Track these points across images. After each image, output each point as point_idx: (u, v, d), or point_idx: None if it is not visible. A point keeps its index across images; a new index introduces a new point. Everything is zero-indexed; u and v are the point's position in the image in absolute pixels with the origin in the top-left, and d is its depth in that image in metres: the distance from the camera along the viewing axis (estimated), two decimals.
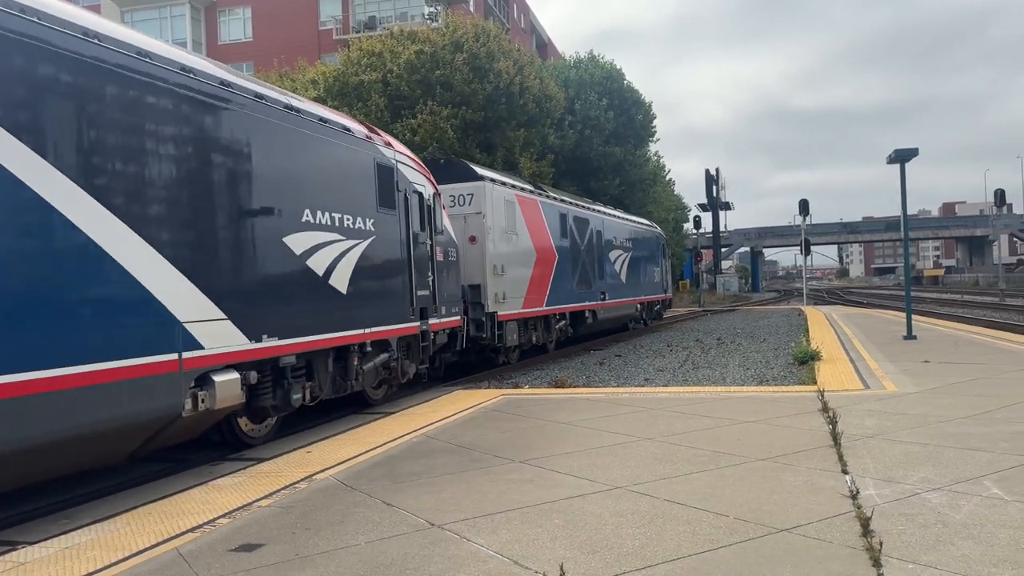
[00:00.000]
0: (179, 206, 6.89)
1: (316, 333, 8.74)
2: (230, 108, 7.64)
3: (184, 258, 6.86)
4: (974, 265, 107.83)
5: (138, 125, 6.51)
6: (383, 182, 10.62)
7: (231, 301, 7.38)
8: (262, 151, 8.03)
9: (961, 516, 4.72)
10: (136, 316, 6.32)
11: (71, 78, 5.91)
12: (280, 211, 8.27)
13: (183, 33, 47.22)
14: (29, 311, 5.46)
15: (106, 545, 4.88)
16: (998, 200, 42.28)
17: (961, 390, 9.58)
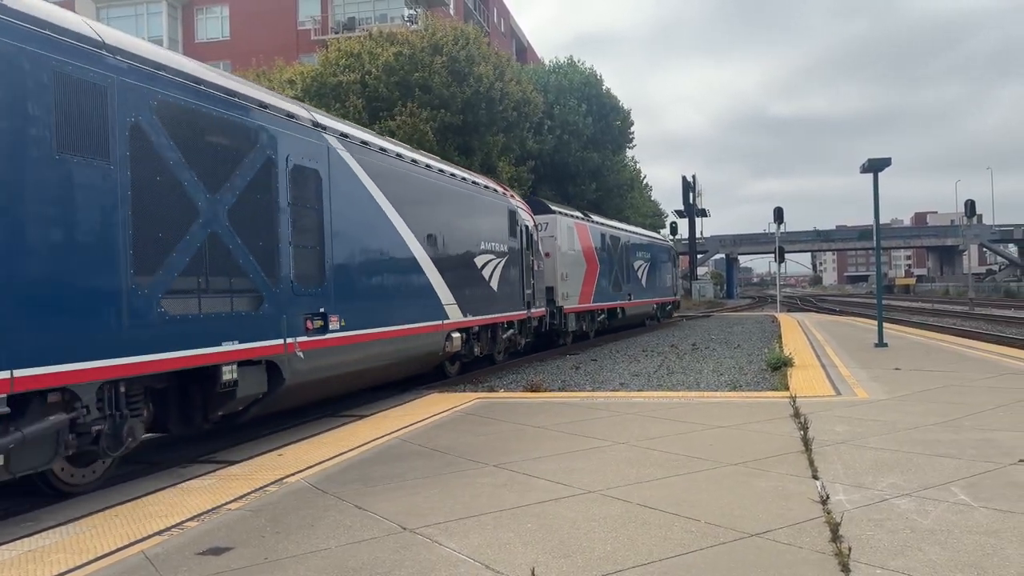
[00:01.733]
0: (439, 242, 12.97)
1: (486, 314, 14.94)
2: (465, 190, 14.64)
3: (442, 270, 12.91)
4: (945, 274, 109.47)
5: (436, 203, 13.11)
6: (511, 221, 16.83)
7: (457, 294, 13.41)
8: (468, 209, 14.61)
9: (929, 522, 4.78)
10: (433, 301, 12.65)
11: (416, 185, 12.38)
12: (473, 243, 14.56)
13: (159, 31, 46.74)
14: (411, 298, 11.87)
15: (71, 548, 4.80)
16: (968, 211, 42.97)
17: (931, 397, 9.70)
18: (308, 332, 8.97)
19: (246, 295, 8.04)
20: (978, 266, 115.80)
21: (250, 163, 8.18)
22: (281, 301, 8.55)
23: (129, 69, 6.71)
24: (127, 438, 6.67)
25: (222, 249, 7.69)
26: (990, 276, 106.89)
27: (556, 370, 15.72)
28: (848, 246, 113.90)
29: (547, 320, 19.57)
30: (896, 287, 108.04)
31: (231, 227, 7.81)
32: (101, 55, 6.46)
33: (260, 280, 8.24)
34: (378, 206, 11.01)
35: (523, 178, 29.64)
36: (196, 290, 7.32)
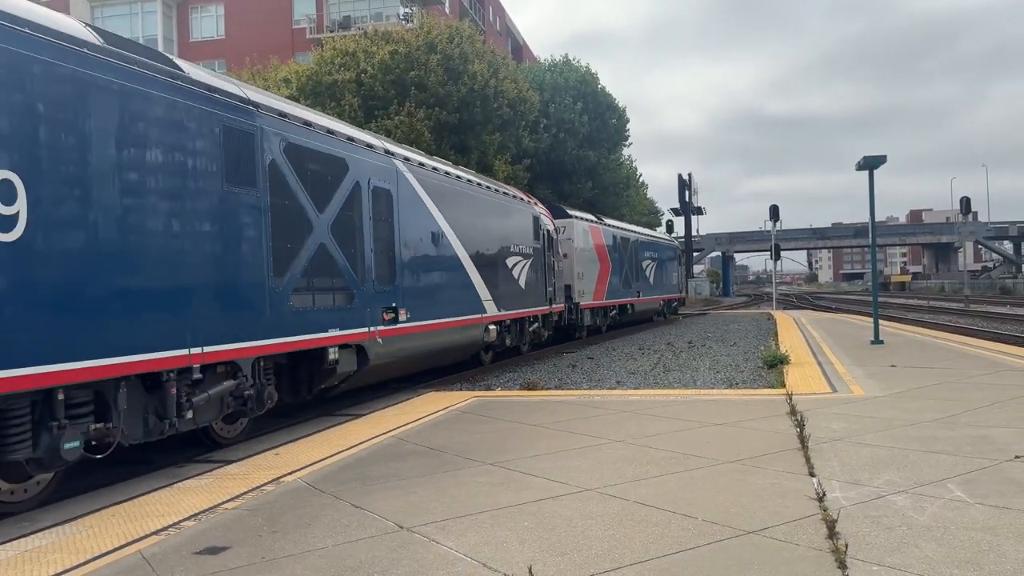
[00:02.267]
0: (478, 245, 14.77)
1: (516, 309, 16.75)
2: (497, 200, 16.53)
3: (481, 270, 14.74)
4: (940, 271, 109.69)
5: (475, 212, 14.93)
6: (535, 226, 18.65)
7: (492, 291, 15.23)
8: (499, 216, 16.37)
9: (925, 518, 4.79)
10: (474, 297, 14.43)
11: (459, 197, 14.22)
12: (504, 246, 16.33)
13: (154, 29, 46.62)
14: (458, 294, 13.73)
15: (68, 548, 4.79)
16: (964, 208, 43.05)
17: (927, 394, 9.73)
18: (384, 322, 10.94)
19: (343, 292, 10.00)
20: (973, 263, 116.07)
21: (344, 186, 10.17)
22: (366, 297, 10.51)
23: (268, 119, 8.73)
24: (267, 401, 8.51)
25: (327, 256, 9.65)
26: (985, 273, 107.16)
27: (553, 368, 15.72)
28: (844, 244, 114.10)
29: (565, 315, 21.44)
30: (892, 284, 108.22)
31: (333, 238, 9.78)
32: (250, 110, 8.40)
33: (352, 280, 10.21)
34: (432, 217, 13.07)
35: (519, 176, 29.63)
36: (311, 288, 9.23)
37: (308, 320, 9.11)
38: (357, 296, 10.24)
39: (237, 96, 8.30)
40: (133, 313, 6.69)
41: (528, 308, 17.78)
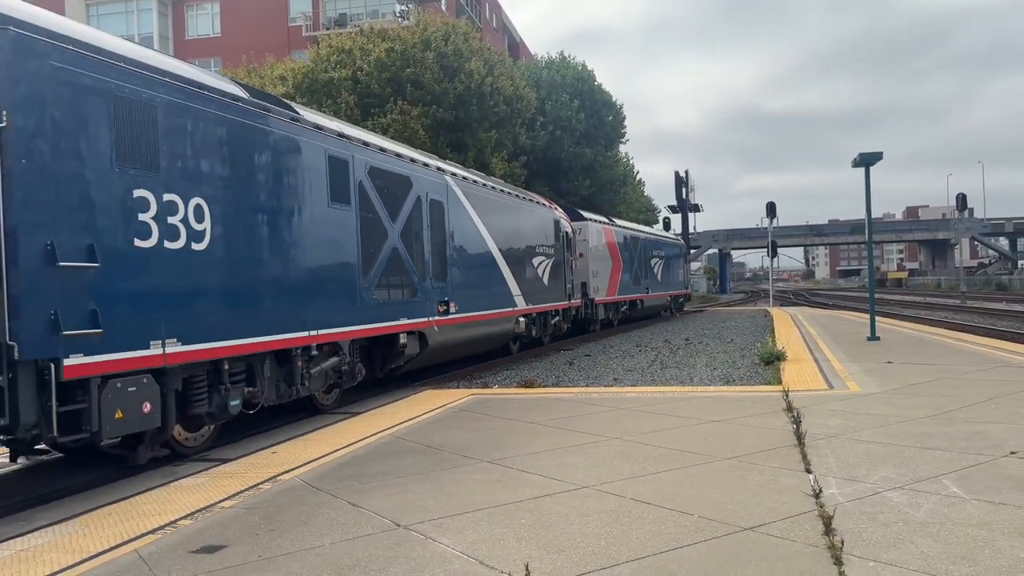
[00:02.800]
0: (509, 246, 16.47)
1: (540, 304, 18.60)
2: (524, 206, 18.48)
3: (512, 268, 16.46)
4: (936, 268, 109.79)
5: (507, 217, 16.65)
6: (555, 228, 20.47)
7: (521, 287, 16.94)
8: (526, 220, 18.16)
9: (921, 515, 4.80)
10: (507, 293, 16.06)
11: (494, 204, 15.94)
12: (530, 247, 18.13)
13: (150, 27, 46.51)
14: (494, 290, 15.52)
15: (64, 547, 4.79)
16: (960, 204, 43.16)
17: (922, 390, 9.74)
18: (439, 313, 12.94)
19: (409, 288, 11.97)
20: (969, 259, 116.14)
21: (409, 200, 12.12)
22: (426, 292, 12.54)
23: (356, 147, 10.68)
24: (357, 375, 10.68)
25: (398, 258, 11.62)
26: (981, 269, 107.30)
27: (550, 366, 15.72)
28: (840, 240, 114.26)
29: (582, 310, 23.25)
30: (888, 281, 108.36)
31: (402, 243, 11.78)
32: (344, 140, 10.36)
33: (416, 278, 12.19)
34: (474, 223, 14.99)
35: (516, 174, 29.60)
36: (387, 285, 11.23)
37: (385, 311, 11.21)
38: (419, 291, 12.33)
39: (336, 130, 10.33)
40: (274, 303, 8.58)
41: (550, 303, 19.68)
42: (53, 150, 6.09)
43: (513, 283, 16.66)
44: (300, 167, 9.21)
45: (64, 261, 6.03)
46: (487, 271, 15.53)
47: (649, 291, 31.37)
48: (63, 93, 6.20)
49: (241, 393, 8.07)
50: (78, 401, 6.17)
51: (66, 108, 6.22)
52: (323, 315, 9.44)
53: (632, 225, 32.44)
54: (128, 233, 6.72)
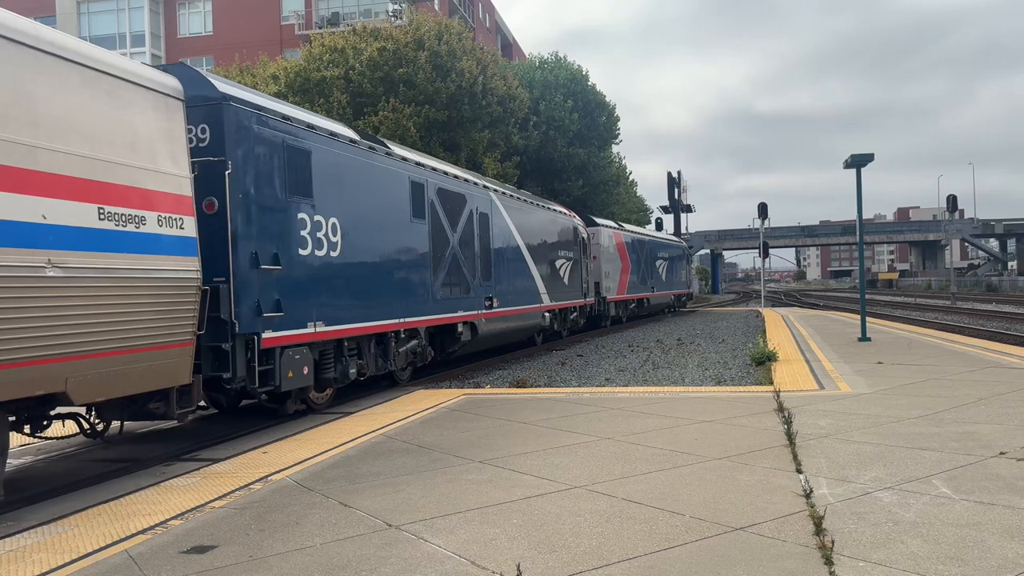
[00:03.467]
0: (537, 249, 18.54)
1: (561, 301, 20.67)
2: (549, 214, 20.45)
3: (539, 269, 18.56)
4: (927, 269, 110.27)
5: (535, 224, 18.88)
6: (574, 233, 22.63)
7: (546, 285, 19.07)
8: (550, 226, 20.28)
9: (911, 515, 4.82)
10: (535, 290, 18.36)
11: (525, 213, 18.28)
12: (553, 250, 20.25)
13: (141, 25, 46.33)
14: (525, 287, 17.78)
15: (53, 547, 4.76)
16: (950, 206, 43.36)
17: (913, 391, 9.79)
18: (485, 307, 15.31)
19: (464, 286, 14.35)
20: (960, 261, 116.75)
21: (464, 214, 14.54)
22: (476, 289, 14.92)
23: (429, 172, 13.23)
24: (427, 356, 13.09)
25: (456, 262, 14.04)
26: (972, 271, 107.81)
27: (542, 366, 15.73)
28: (832, 241, 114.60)
29: (595, 307, 25.41)
30: (879, 282, 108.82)
31: (459, 250, 14.20)
32: (422, 168, 12.99)
33: (469, 278, 14.59)
34: (511, 231, 17.35)
35: (509, 174, 29.59)
36: (449, 283, 13.66)
37: (448, 304, 13.60)
38: (471, 288, 14.71)
39: (415, 160, 12.94)
40: (377, 297, 11.15)
41: (570, 300, 21.90)
42: (255, 186, 8.59)
43: (540, 283, 19.09)
44: (393, 191, 11.91)
45: (263, 265, 8.60)
46: (521, 272, 17.86)
47: (654, 290, 33.74)
48: (259, 146, 8.73)
49: (355, 365, 10.59)
50: (268, 364, 8.58)
51: (260, 156, 8.73)
52: (407, 307, 12.07)
53: (639, 229, 35.68)
54: (295, 244, 9.25)
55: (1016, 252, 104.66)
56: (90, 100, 6.40)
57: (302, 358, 9.18)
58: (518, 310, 17.31)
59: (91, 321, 6.22)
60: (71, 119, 6.18)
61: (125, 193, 6.65)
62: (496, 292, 15.88)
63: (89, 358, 6.18)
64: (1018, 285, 69.57)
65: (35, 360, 5.68)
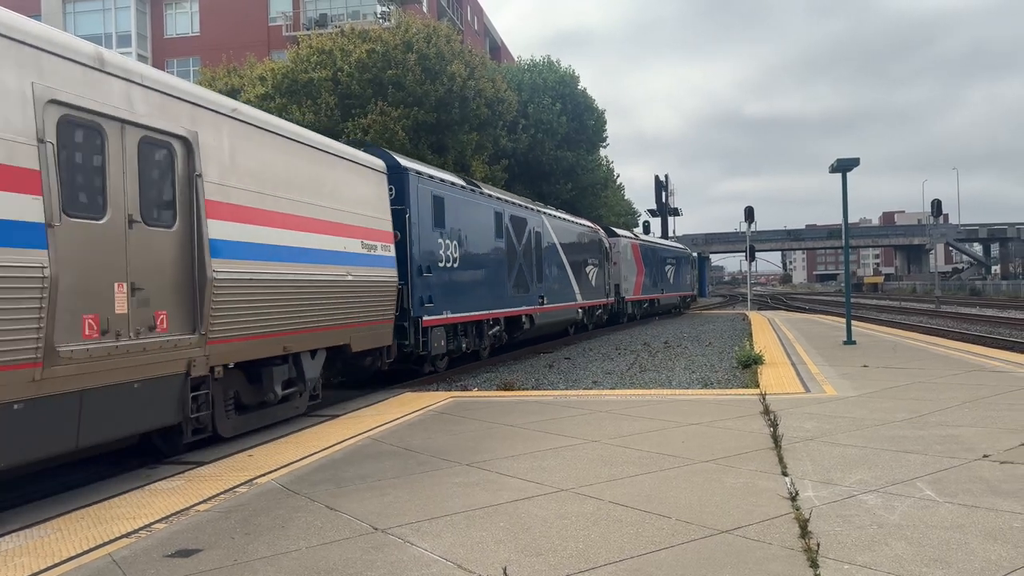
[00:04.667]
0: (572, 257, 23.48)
1: (590, 299, 25.47)
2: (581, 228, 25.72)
3: (574, 273, 23.56)
4: (912, 273, 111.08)
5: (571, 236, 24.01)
6: (599, 243, 27.24)
7: (579, 286, 24.07)
8: (581, 238, 25.24)
9: (895, 517, 4.85)
10: (571, 291, 23.36)
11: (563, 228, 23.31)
12: (583, 257, 24.84)
13: (127, 26, 46.06)
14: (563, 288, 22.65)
15: (35, 551, 4.72)
16: (935, 210, 43.66)
17: (898, 394, 9.85)
18: (538, 303, 19.83)
19: (525, 287, 18.86)
20: (944, 265, 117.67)
21: (525, 232, 19.17)
22: (532, 290, 19.44)
23: (506, 204, 18.03)
24: (503, 339, 17.47)
25: (520, 269, 18.49)
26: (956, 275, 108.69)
27: (530, 369, 15.73)
28: (817, 245, 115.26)
29: (615, 305, 29.96)
30: (864, 285, 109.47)
31: (523, 260, 18.80)
32: (500, 200, 17.76)
33: (528, 281, 19.14)
34: (555, 244, 21.92)
35: (497, 177, 29.59)
36: (516, 285, 18.10)
37: (516, 301, 18.32)
38: (530, 289, 19.35)
39: (496, 196, 17.81)
40: (477, 295, 15.68)
41: (596, 300, 26.53)
42: (420, 223, 13.46)
43: (575, 285, 23.71)
44: (484, 219, 16.71)
45: (425, 273, 13.44)
46: (562, 277, 22.47)
47: (664, 292, 38.52)
48: (421, 197, 13.59)
49: (464, 342, 15.28)
50: (425, 337, 13.27)
51: (421, 204, 13.58)
52: (493, 302, 16.73)
53: (652, 239, 41.67)
54: (438, 259, 14.09)
55: (1000, 256, 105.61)
56: (355, 181, 11.06)
57: (441, 334, 14.12)
58: (560, 306, 22.06)
59: (360, 305, 10.78)
60: (351, 193, 10.83)
61: (371, 232, 11.27)
62: (545, 292, 20.55)
63: (357, 326, 10.77)
64: (1001, 289, 70.21)
65: (339, 326, 10.19)
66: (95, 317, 6.20)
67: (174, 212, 7.21)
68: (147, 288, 6.76)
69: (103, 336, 6.25)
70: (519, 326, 18.56)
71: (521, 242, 18.73)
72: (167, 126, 7.08)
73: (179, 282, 7.21)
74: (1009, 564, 4.04)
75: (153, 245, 6.91)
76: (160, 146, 7.05)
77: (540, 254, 20.25)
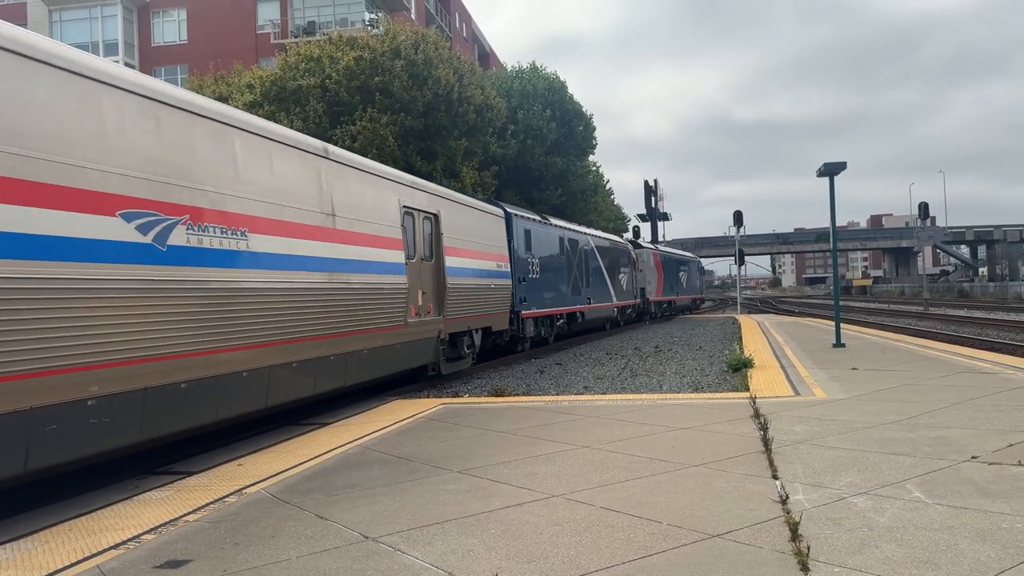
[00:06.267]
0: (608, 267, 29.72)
1: (622, 300, 32.02)
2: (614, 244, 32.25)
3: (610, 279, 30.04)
4: (900, 275, 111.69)
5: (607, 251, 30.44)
6: (628, 255, 33.93)
7: (614, 290, 30.48)
8: (615, 251, 31.57)
9: (885, 519, 4.86)
10: (608, 293, 29.73)
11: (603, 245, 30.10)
12: (617, 267, 31.35)
13: (115, 34, 45.90)
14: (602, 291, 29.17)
15: (22, 564, 4.67)
16: (922, 213, 43.98)
17: (887, 396, 9.89)
18: (587, 303, 25.41)
19: (578, 291, 24.62)
20: (932, 267, 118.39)
21: (578, 250, 25.30)
22: (582, 293, 25.29)
23: (564, 230, 24.63)
24: (564, 330, 23.57)
25: (575, 278, 24.49)
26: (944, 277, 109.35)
27: (521, 374, 15.72)
28: (806, 248, 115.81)
29: (641, 306, 35.76)
30: (853, 288, 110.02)
31: (577, 270, 24.71)
32: (559, 228, 24.32)
33: (580, 286, 25.12)
34: (597, 257, 27.87)
35: (487, 183, 29.62)
36: (573, 290, 24.24)
37: (573, 301, 23.89)
38: (580, 293, 24.97)
39: (561, 225, 24.16)
40: (552, 297, 22.13)
41: (627, 301, 32.69)
42: (518, 248, 19.34)
43: (611, 289, 29.76)
44: (552, 242, 22.53)
45: (521, 282, 19.16)
46: (602, 283, 28.50)
47: (679, 295, 44.92)
48: (518, 231, 19.60)
49: (542, 330, 20.66)
50: (522, 325, 19.15)
51: (518, 236, 19.46)
52: (559, 302, 22.44)
53: (670, 250, 48.61)
54: (527, 272, 19.82)
55: (987, 258, 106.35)
56: (493, 225, 17.75)
57: (531, 323, 20.06)
58: (601, 306, 28.16)
59: (497, 302, 17.21)
60: (491, 232, 17.41)
61: (498, 257, 17.63)
62: (591, 295, 26.49)
63: (495, 315, 17.24)
64: (988, 291, 70.69)
65: (488, 315, 16.74)
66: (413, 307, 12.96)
67: (431, 252, 13.94)
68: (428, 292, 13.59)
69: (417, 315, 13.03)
70: (575, 320, 24.62)
71: (575, 257, 24.88)
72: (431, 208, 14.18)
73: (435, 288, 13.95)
74: (998, 565, 4.06)
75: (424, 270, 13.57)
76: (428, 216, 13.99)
77: (587, 266, 26.28)
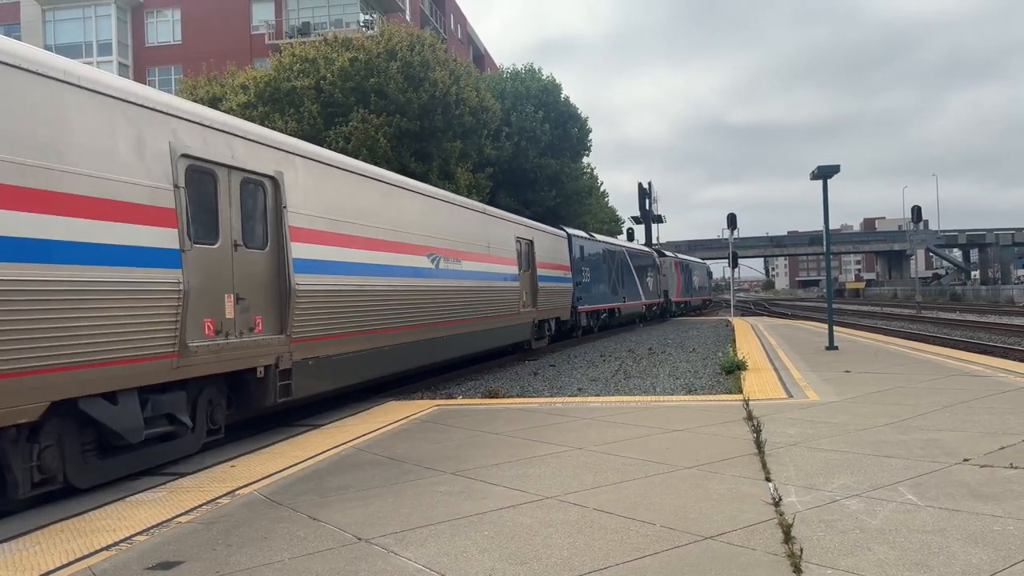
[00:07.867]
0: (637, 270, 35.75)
1: (649, 299, 37.99)
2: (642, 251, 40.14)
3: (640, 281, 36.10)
4: (893, 278, 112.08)
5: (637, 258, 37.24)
6: (653, 261, 40.51)
7: (642, 290, 36.49)
8: (643, 258, 38.28)
9: (877, 522, 4.88)
10: (638, 293, 35.72)
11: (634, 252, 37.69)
12: (645, 271, 37.62)
13: (108, 34, 45.78)
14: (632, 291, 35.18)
15: (15, 565, 4.65)
16: (915, 216, 44.08)
17: (879, 399, 9.92)
18: (622, 301, 31.94)
19: (615, 290, 31.09)
20: (925, 270, 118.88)
21: (615, 259, 31.59)
22: (619, 293, 31.57)
23: (606, 243, 31.74)
24: (607, 323, 30.77)
25: (613, 280, 30.79)
26: (936, 280, 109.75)
27: (515, 376, 15.72)
28: (799, 251, 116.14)
29: (664, 305, 41.09)
30: (846, 291, 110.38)
31: (615, 275, 31.04)
32: (600, 242, 30.55)
33: (617, 287, 31.38)
34: (630, 264, 33.69)
35: (481, 185, 29.63)
36: (612, 290, 30.74)
37: (612, 299, 30.31)
38: (617, 293, 30.91)
39: (601, 239, 31.19)
40: (598, 296, 28.38)
41: (653, 300, 37.77)
42: (574, 259, 25.15)
43: (641, 290, 34.98)
44: (597, 253, 28.63)
45: (577, 284, 25.29)
46: (633, 285, 33.57)
47: (692, 296, 51.81)
48: (575, 249, 25.54)
49: (591, 322, 27.19)
50: (578, 317, 25.46)
51: (574, 252, 25.38)
52: (602, 300, 28.53)
53: (686, 257, 55.00)
54: (581, 276, 25.91)
55: (979, 261, 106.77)
56: (556, 243, 23.60)
57: (584, 316, 25.70)
58: (633, 304, 33.58)
59: (564, 299, 23.61)
60: (556, 248, 23.47)
61: (564, 268, 23.86)
62: (625, 295, 32.04)
63: (562, 308, 23.41)
64: (981, 294, 71.00)
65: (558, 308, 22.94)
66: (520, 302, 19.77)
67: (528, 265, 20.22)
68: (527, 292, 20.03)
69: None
70: (614, 315, 30.59)
71: (614, 264, 30.62)
72: None
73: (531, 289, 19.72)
74: (989, 567, 4.07)
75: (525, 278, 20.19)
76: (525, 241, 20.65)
77: (622, 271, 31.79)
